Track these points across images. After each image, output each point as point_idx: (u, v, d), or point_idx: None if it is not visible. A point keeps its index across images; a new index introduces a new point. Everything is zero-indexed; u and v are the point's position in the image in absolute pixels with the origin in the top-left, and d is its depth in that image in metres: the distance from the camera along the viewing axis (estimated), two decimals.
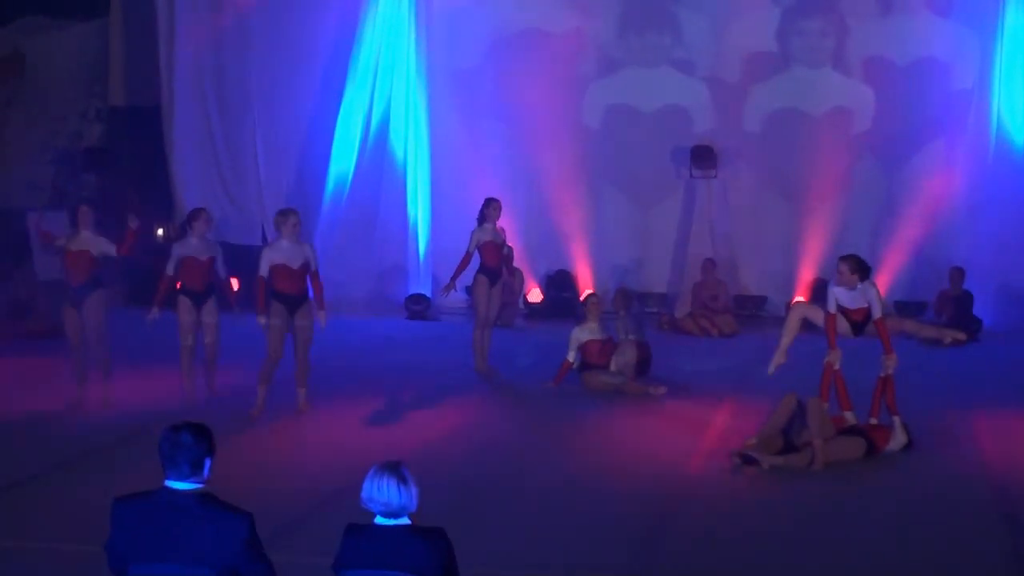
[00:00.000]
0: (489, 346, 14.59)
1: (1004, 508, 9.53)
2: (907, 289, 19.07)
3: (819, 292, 19.12)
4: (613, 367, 13.79)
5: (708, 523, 9.13)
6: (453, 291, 14.76)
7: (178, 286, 12.87)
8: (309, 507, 9.15)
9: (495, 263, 14.50)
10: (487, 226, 14.39)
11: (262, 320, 12.11)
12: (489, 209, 14.40)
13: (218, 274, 12.92)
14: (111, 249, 12.40)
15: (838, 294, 11.28)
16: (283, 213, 12.35)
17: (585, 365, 13.98)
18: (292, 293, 12.03)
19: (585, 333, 14.01)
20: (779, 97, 19.67)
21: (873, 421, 11.26)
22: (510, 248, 15.22)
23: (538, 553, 8.43)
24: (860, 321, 11.29)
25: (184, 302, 12.77)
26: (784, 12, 19.65)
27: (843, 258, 11.41)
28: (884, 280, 18.94)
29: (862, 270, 11.26)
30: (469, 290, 15.54)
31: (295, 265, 12.03)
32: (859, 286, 11.21)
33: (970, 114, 18.86)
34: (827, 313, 11.30)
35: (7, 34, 21.79)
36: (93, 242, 12.37)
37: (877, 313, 11.18)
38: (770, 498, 9.85)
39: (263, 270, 12.11)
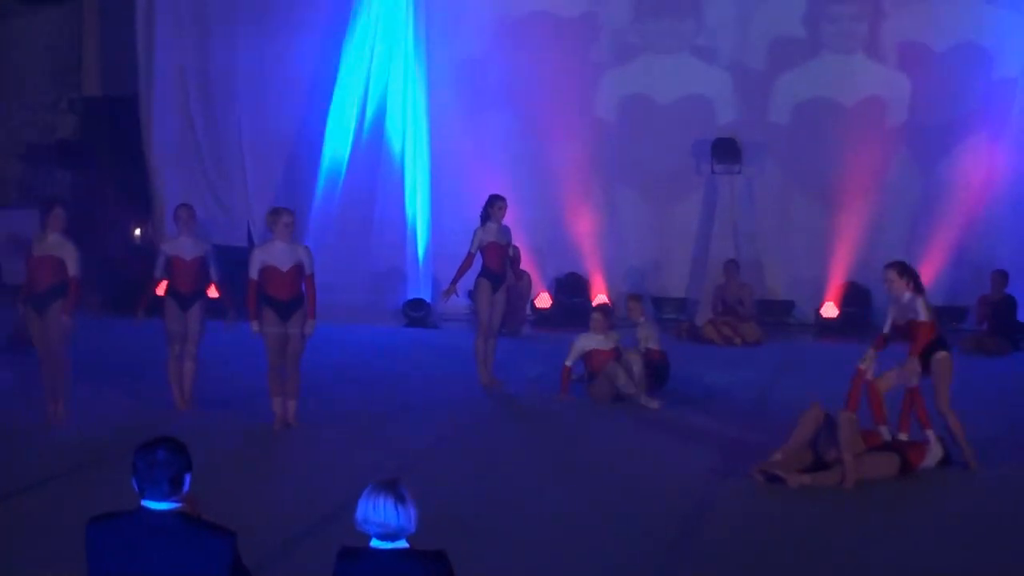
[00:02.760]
0: (494, 356, 14.59)
1: None
2: (946, 294, 19.05)
3: (851, 297, 19.15)
4: (620, 380, 13.75)
5: (728, 546, 9.12)
6: (454, 296, 14.78)
7: (164, 289, 12.91)
8: (299, 529, 9.14)
9: (499, 266, 14.49)
10: (491, 225, 14.38)
11: (255, 327, 12.13)
12: (493, 207, 14.39)
13: (210, 276, 12.94)
14: (74, 262, 12.24)
15: (891, 308, 11.37)
16: (275, 212, 12.37)
17: (592, 376, 14.00)
18: (283, 298, 12.04)
19: (591, 342, 14.02)
20: (808, 86, 19.68)
21: (903, 436, 11.24)
22: (516, 249, 15.23)
23: (546, 572, 8.43)
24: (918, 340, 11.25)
25: (170, 306, 12.80)
26: None
27: (889, 264, 11.42)
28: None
29: (912, 277, 11.26)
30: (471, 295, 15.54)
31: (285, 267, 12.03)
32: (907, 296, 11.18)
33: (1015, 105, 18.87)
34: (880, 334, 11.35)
35: None
36: (62, 248, 12.27)
37: (922, 317, 11.16)
38: (796, 519, 9.83)
39: (253, 272, 12.12)
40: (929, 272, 18.92)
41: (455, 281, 14.59)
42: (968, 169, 19.04)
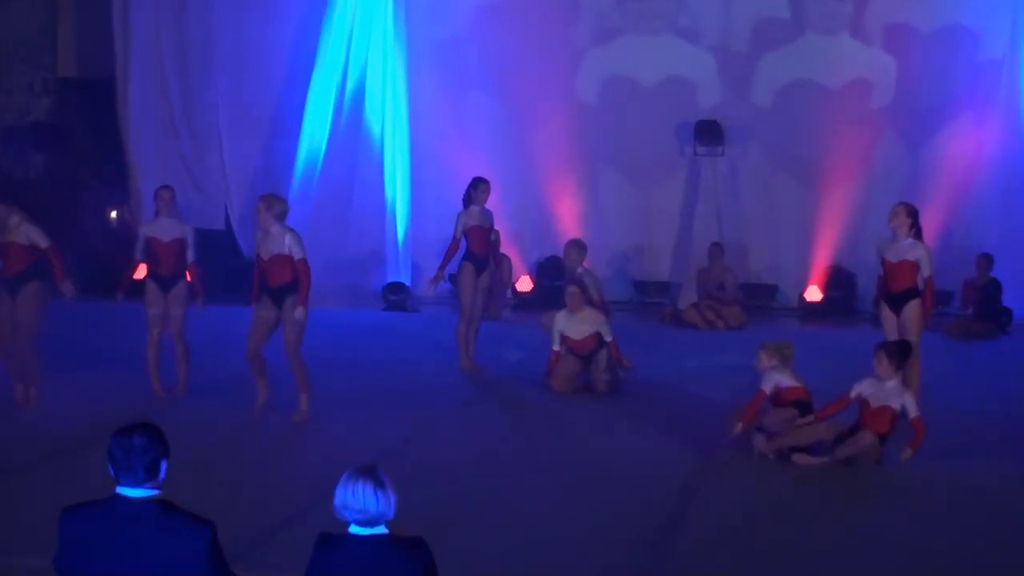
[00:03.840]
0: (475, 341, 14.57)
1: None
2: None
3: (835, 281, 19.18)
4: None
5: (714, 528, 9.16)
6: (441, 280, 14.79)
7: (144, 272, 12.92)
8: (277, 517, 9.13)
9: (482, 249, 14.48)
10: (474, 209, 14.36)
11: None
12: (476, 190, 14.38)
13: (187, 259, 12.94)
14: (40, 237, 12.27)
15: (882, 246, 12.09)
16: (261, 198, 12.41)
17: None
18: (271, 285, 12.04)
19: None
20: (792, 68, 19.67)
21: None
22: (497, 233, 15.19)
23: (528, 561, 8.44)
24: (899, 282, 11.93)
25: (150, 289, 12.79)
26: None
27: (903, 202, 12.32)
28: None
29: (917, 224, 11.97)
30: (453, 279, 15.53)
31: (266, 255, 12.04)
32: (908, 241, 11.86)
33: (1001, 87, 18.89)
34: None
35: None
36: (23, 231, 12.26)
37: (926, 272, 11.82)
38: (781, 499, 9.89)
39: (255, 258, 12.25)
40: None
41: (443, 267, 14.59)
42: (954, 151, 19.05)
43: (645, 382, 13.79)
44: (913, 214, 12.09)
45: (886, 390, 10.73)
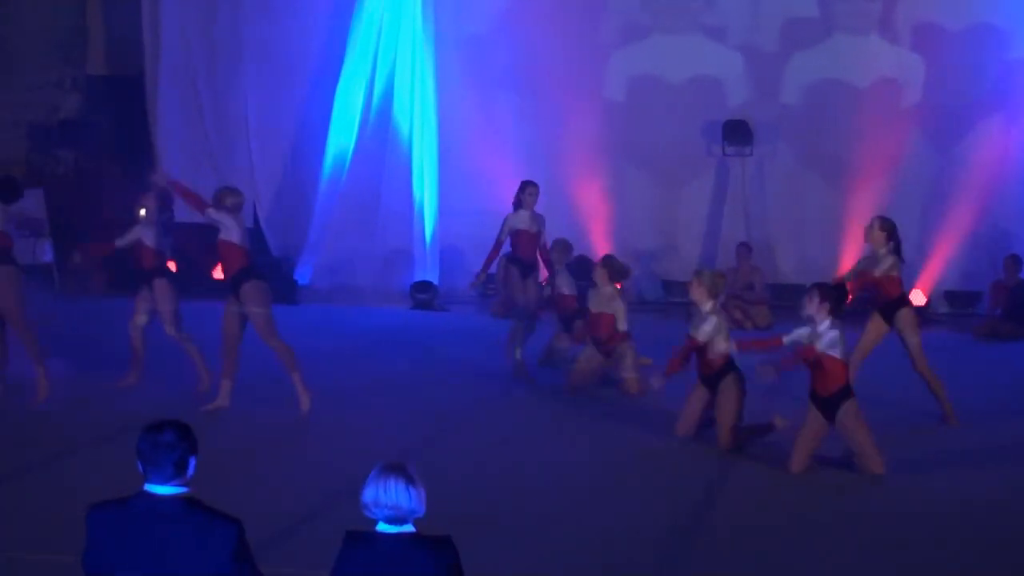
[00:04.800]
0: (526, 340, 14.52)
1: None
2: (959, 279, 19.05)
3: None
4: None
5: (736, 522, 9.18)
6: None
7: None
8: (304, 514, 9.15)
9: (528, 254, 14.54)
10: (523, 212, 14.46)
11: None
12: (524, 193, 14.47)
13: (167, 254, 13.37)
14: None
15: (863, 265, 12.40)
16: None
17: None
18: (226, 276, 12.31)
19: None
20: (820, 67, 19.60)
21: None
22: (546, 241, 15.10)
23: (552, 559, 8.44)
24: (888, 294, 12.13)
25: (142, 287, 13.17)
26: None
27: (879, 216, 12.43)
28: (935, 268, 18.95)
29: (895, 240, 12.11)
30: (495, 279, 15.60)
31: (222, 246, 12.27)
32: (883, 252, 12.10)
33: None
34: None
35: None
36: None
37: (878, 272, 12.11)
38: (795, 498, 9.91)
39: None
40: (942, 256, 18.98)
41: (485, 267, 14.64)
42: (983, 151, 18.96)
43: (669, 381, 13.74)
44: (888, 228, 12.07)
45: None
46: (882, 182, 19.19)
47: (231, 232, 12.07)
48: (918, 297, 18.80)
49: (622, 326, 13.61)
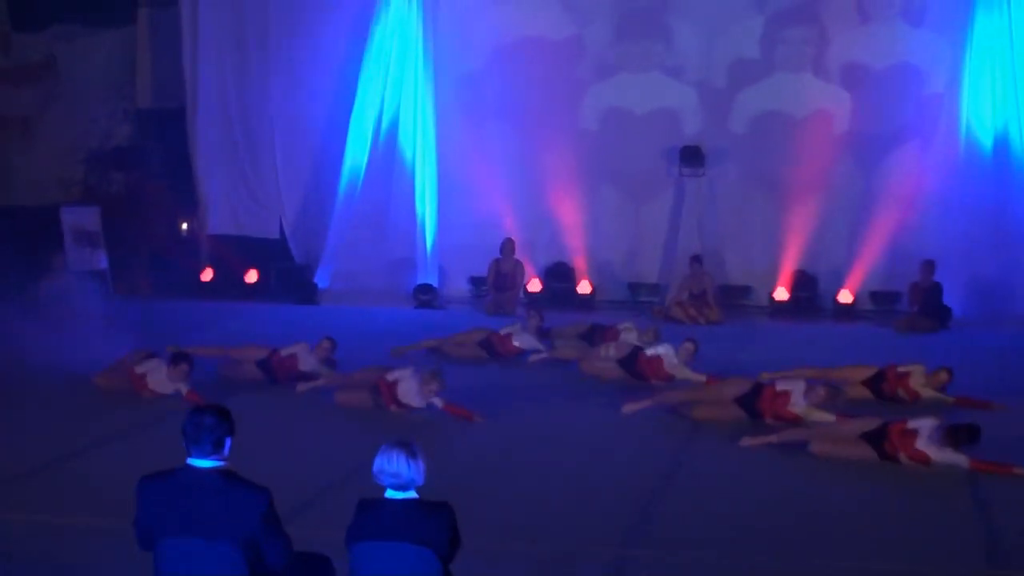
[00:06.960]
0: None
1: (978, 494, 9.41)
2: (881, 280, 19.09)
3: (799, 283, 19.18)
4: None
5: (698, 499, 9.16)
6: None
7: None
8: (323, 485, 9.15)
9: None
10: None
11: None
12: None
13: None
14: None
15: None
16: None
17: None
18: None
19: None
20: (763, 101, 19.66)
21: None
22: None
23: (539, 526, 8.44)
24: None
25: None
26: (768, 21, 19.65)
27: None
28: (860, 272, 19.01)
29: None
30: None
31: None
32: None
33: (941, 117, 18.83)
34: None
35: (42, 40, 21.87)
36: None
37: None
38: (756, 475, 9.87)
39: None
40: (867, 261, 19.04)
41: None
42: (901, 173, 19.03)
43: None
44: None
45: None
46: (816, 198, 19.27)
47: None
48: (845, 296, 18.89)
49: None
